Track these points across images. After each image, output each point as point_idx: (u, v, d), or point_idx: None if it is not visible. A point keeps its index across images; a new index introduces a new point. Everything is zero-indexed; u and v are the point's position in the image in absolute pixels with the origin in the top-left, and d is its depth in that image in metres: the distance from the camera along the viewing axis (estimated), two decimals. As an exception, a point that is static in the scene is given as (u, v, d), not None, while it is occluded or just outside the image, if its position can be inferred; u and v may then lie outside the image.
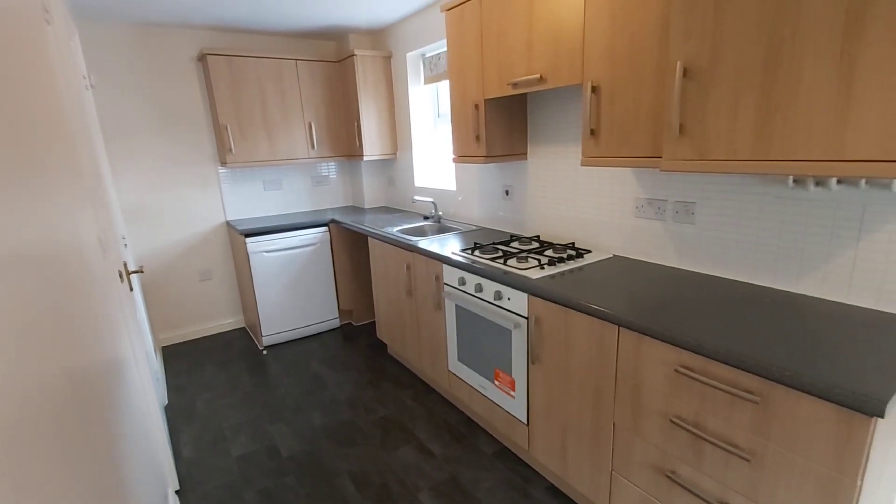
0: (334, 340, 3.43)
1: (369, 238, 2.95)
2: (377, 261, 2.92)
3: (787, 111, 1.10)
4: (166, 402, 2.66)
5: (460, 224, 2.96)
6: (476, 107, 2.20)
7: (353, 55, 3.23)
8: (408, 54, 3.22)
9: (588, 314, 1.51)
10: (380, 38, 3.52)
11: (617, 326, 1.42)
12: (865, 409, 0.92)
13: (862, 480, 0.97)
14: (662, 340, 1.29)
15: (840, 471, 0.99)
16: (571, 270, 1.84)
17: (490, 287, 1.94)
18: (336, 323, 3.64)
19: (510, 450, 2.14)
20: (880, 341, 1.13)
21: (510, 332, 1.87)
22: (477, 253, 2.15)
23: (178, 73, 3.18)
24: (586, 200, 2.15)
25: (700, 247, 1.73)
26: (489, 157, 2.25)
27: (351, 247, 3.55)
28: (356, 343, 3.37)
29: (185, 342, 3.50)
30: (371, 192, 3.89)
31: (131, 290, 1.90)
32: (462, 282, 2.11)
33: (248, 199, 3.60)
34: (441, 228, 2.97)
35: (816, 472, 1.03)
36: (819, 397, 0.99)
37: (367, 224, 3.06)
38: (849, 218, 1.34)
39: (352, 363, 3.06)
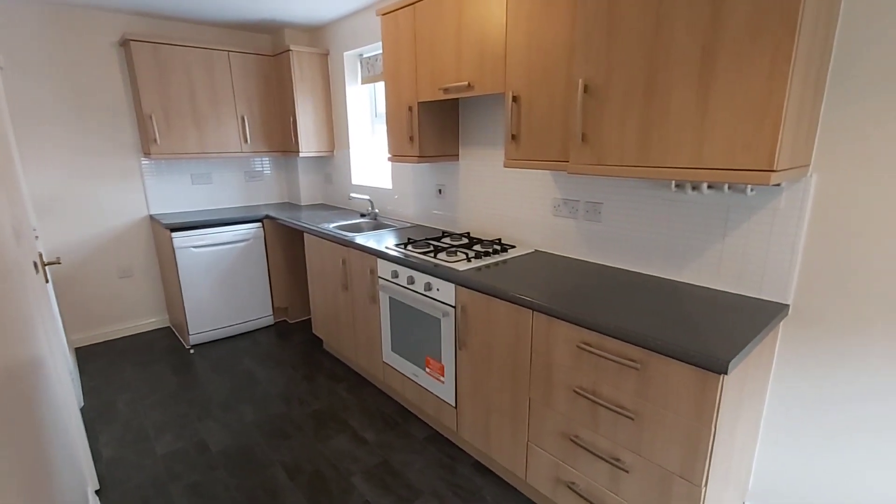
0: (268, 338, 3.39)
1: (305, 234, 2.97)
2: (313, 257, 2.95)
3: (661, 127, 1.32)
4: (82, 403, 2.52)
5: (396, 221, 3.07)
6: (410, 109, 2.32)
7: (289, 50, 3.23)
8: (345, 53, 3.27)
9: (507, 301, 1.68)
10: (317, 35, 3.54)
11: (531, 311, 1.60)
12: (715, 368, 1.14)
13: (715, 427, 1.20)
14: (567, 321, 1.48)
15: (699, 420, 1.21)
16: (496, 263, 2.01)
17: (421, 279, 2.06)
18: (270, 320, 3.60)
19: (440, 433, 2.28)
20: (734, 317, 1.39)
21: (439, 320, 2.01)
22: (410, 247, 2.26)
23: (96, 58, 3.01)
24: (511, 200, 2.33)
25: (606, 242, 1.96)
26: (422, 158, 2.38)
27: (286, 243, 3.53)
28: (291, 340, 3.36)
29: (101, 343, 3.30)
30: (307, 189, 3.88)
31: (47, 281, 1.82)
32: (395, 275, 2.21)
33: (175, 193, 3.47)
34: (377, 225, 3.05)
35: (682, 424, 1.25)
36: (682, 361, 1.20)
37: (304, 220, 3.08)
38: (717, 217, 1.61)
39: (286, 359, 3.06)
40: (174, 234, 3.00)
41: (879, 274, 1.32)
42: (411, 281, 2.12)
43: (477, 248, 2.26)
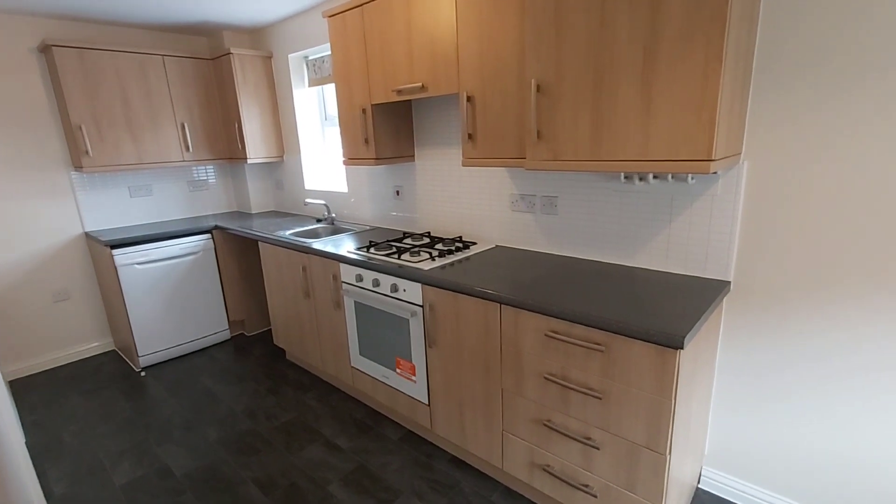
0: (225, 353, 3.27)
1: (260, 243, 2.88)
2: (270, 266, 2.87)
3: (610, 122, 1.41)
4: (24, 439, 2.33)
5: (354, 225, 3.04)
6: (364, 111, 2.31)
7: (230, 53, 3.11)
8: (290, 55, 3.19)
9: (475, 296, 1.72)
10: (258, 37, 3.43)
11: (499, 304, 1.65)
12: (671, 344, 1.24)
13: (675, 399, 1.30)
14: (535, 312, 1.54)
15: (660, 394, 1.31)
16: (459, 261, 2.04)
17: (387, 281, 2.06)
18: (226, 335, 3.46)
19: (415, 432, 2.29)
20: (683, 296, 1.50)
21: (408, 320, 2.02)
22: (372, 250, 2.26)
23: (13, 65, 2.76)
24: (470, 197, 2.38)
25: (563, 233, 2.05)
26: (379, 160, 2.38)
27: (239, 254, 3.41)
28: (251, 353, 3.25)
29: (40, 373, 3.05)
30: (258, 197, 3.75)
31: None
32: (360, 278, 2.20)
33: (112, 208, 3.26)
34: (335, 230, 3.01)
35: (645, 398, 1.34)
36: (642, 340, 1.29)
37: (257, 229, 2.99)
38: (663, 205, 1.72)
39: (247, 374, 2.96)
40: (115, 252, 2.82)
41: (806, 248, 1.47)
42: (377, 283, 2.12)
43: (439, 246, 2.29)
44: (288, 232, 2.86)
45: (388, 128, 2.40)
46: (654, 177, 1.71)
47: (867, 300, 1.39)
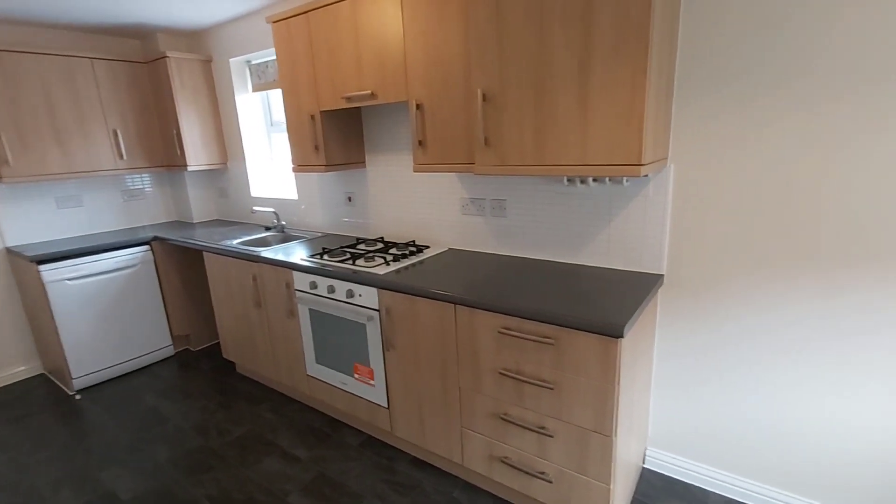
0: (170, 370, 3.11)
1: (205, 253, 2.78)
2: (216, 277, 2.77)
3: (551, 130, 1.51)
4: (-61, 479, 2.12)
5: (305, 232, 3.00)
6: (312, 118, 2.30)
7: (166, 57, 2.99)
8: (231, 60, 3.11)
9: (430, 298, 1.77)
10: (196, 40, 3.31)
11: (454, 305, 1.71)
12: (613, 334, 1.34)
13: (618, 384, 1.41)
14: (488, 310, 1.61)
15: (605, 381, 1.41)
16: (414, 264, 2.09)
17: (342, 287, 2.07)
18: (170, 351, 3.30)
19: (375, 437, 2.30)
20: (623, 289, 1.63)
21: (364, 325, 2.04)
22: (326, 257, 2.25)
23: (-87, 66, 2.51)
24: (422, 202, 2.43)
25: (512, 235, 2.14)
26: (329, 166, 2.38)
27: (181, 265, 3.26)
28: (198, 368, 3.12)
29: (-47, 405, 2.77)
30: (200, 206, 3.61)
31: None
32: (314, 286, 2.19)
33: (37, 220, 3.02)
34: (285, 237, 2.96)
35: (592, 386, 1.44)
36: (588, 332, 1.40)
37: (201, 238, 2.88)
38: (603, 206, 1.85)
39: (195, 390, 2.84)
40: (42, 268, 2.63)
41: (728, 240, 1.64)
42: (332, 290, 2.12)
43: (393, 251, 2.32)
44: (235, 241, 2.78)
45: (338, 134, 2.40)
46: (594, 180, 1.83)
47: (785, 283, 1.57)
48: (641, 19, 1.27)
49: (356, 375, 2.17)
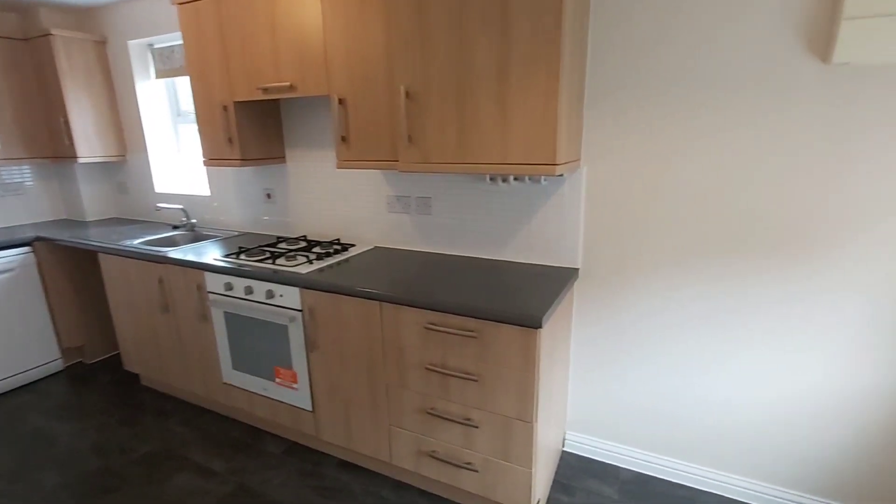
0: (59, 386, 2.77)
1: (101, 255, 2.50)
2: (115, 281, 2.51)
3: (474, 129, 1.55)
4: None
5: (219, 231, 2.81)
6: (225, 108, 2.17)
7: (50, 35, 2.65)
8: (130, 42, 2.83)
9: (355, 296, 1.74)
10: (86, 17, 2.96)
11: (379, 302, 1.70)
12: (532, 324, 1.41)
13: (537, 372, 1.48)
14: (414, 306, 1.62)
15: (525, 370, 1.48)
16: (338, 263, 2.04)
17: (261, 287, 1.97)
18: (59, 365, 2.94)
19: (299, 443, 2.22)
20: (542, 283, 1.71)
21: (286, 327, 1.96)
22: (243, 256, 2.13)
23: None
24: (346, 200, 2.38)
25: (437, 232, 2.17)
26: (245, 161, 2.25)
27: (72, 269, 2.91)
28: (94, 383, 2.81)
29: None
30: (94, 202, 3.24)
31: None
32: (229, 287, 2.06)
33: None
34: (196, 237, 2.76)
35: (514, 375, 1.50)
36: (509, 323, 1.46)
37: (95, 238, 2.59)
38: (523, 203, 1.94)
39: (91, 406, 2.55)
40: None
41: (631, 235, 1.79)
42: (249, 291, 2.01)
43: (317, 249, 2.25)
44: (137, 241, 2.54)
45: (254, 127, 2.28)
46: (515, 178, 1.91)
47: (679, 272, 1.75)
48: (554, 29, 1.35)
49: (278, 380, 2.08)
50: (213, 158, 2.31)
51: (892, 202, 1.41)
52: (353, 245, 2.33)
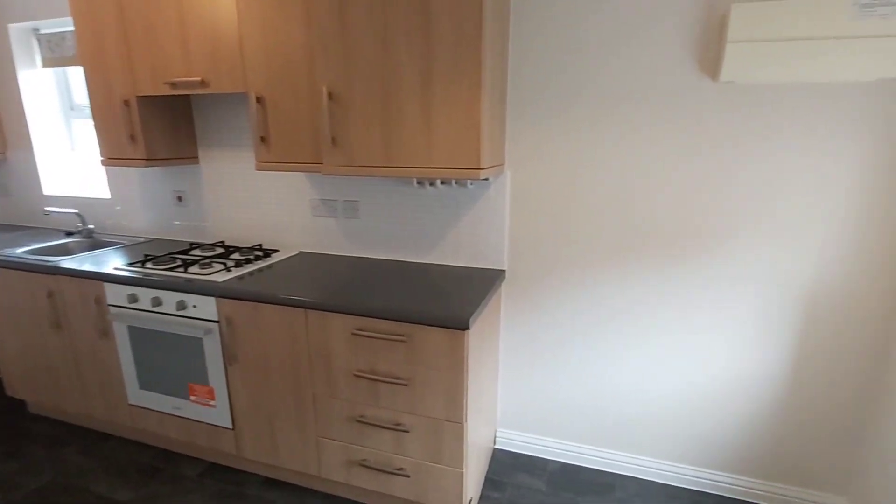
0: (-80, 421, 2.37)
1: (-26, 266, 2.18)
2: (-7, 295, 2.20)
3: (399, 133, 1.54)
4: None
5: (122, 237, 2.56)
6: (127, 103, 1.98)
7: None
8: (10, 26, 2.50)
9: (279, 304, 1.66)
10: (-47, -6, 2.57)
11: (304, 310, 1.63)
12: (459, 326, 1.43)
13: (466, 373, 1.50)
14: (341, 312, 1.58)
15: (454, 371, 1.49)
16: (260, 269, 1.93)
17: (171, 298, 1.82)
18: (-81, 396, 2.51)
19: (219, 463, 2.07)
20: (470, 285, 1.74)
21: (201, 339, 1.82)
22: (150, 265, 1.95)
23: None
24: (269, 203, 2.26)
25: (365, 236, 2.13)
26: (151, 161, 2.07)
27: (-64, 283, 2.50)
28: (-33, 414, 2.43)
29: None
30: (-35, 206, 2.82)
31: None
32: (134, 299, 1.88)
33: None
34: (94, 244, 2.49)
35: (443, 377, 1.51)
36: (437, 326, 1.46)
37: (-33, 248, 2.25)
38: (451, 207, 1.96)
39: (-37, 442, 2.21)
40: None
41: (553, 236, 1.87)
42: (157, 302, 1.84)
43: (236, 256, 2.12)
44: (21, 249, 2.24)
45: (162, 124, 2.10)
46: (441, 182, 1.93)
47: (601, 269, 1.85)
48: (474, 36, 1.38)
49: (192, 397, 1.93)
50: (112, 158, 2.09)
51: (770, 204, 1.60)
52: (276, 251, 2.22)
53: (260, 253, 2.15)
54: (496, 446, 2.20)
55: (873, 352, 1.62)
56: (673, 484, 1.95)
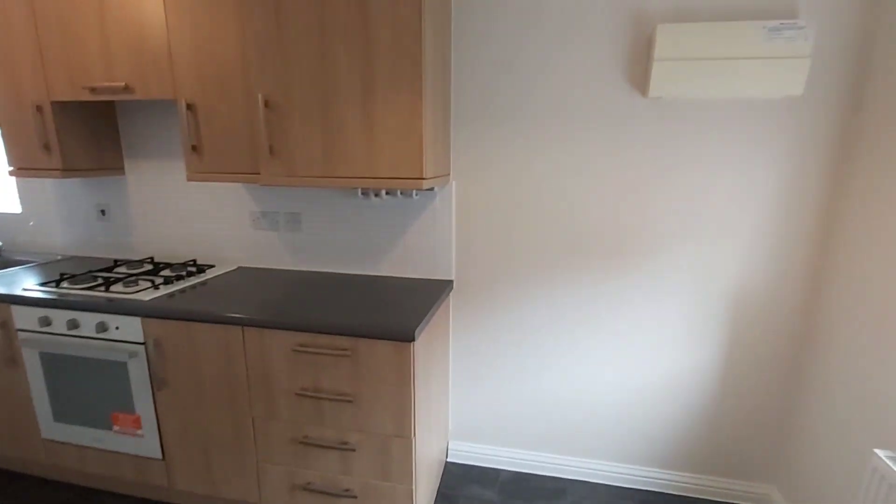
0: None
1: None
2: None
3: (340, 142, 1.51)
4: None
5: (36, 255, 2.33)
6: (39, 109, 1.82)
7: None
8: None
9: (212, 322, 1.56)
10: None
11: (241, 327, 1.54)
12: (405, 338, 1.40)
13: (414, 386, 1.47)
14: (280, 329, 1.50)
15: (401, 384, 1.46)
16: (193, 286, 1.82)
17: (89, 320, 1.66)
18: None
19: (148, 498, 1.91)
20: (418, 296, 1.72)
21: (125, 364, 1.68)
22: (65, 284, 1.78)
23: None
24: (204, 216, 2.14)
25: (308, 249, 2.06)
26: (69, 171, 1.90)
27: None
28: None
29: None
30: None
31: None
32: (46, 322, 1.70)
33: None
34: (3, 263, 2.25)
35: (390, 391, 1.47)
36: (383, 339, 1.42)
37: None
38: (397, 218, 1.93)
39: None
40: None
41: (498, 246, 1.89)
42: (74, 325, 1.68)
43: (166, 273, 1.98)
44: (-90, 271, 1.98)
45: (81, 132, 1.94)
46: (386, 193, 1.90)
47: (544, 278, 1.88)
48: (414, 48, 1.38)
49: (116, 427, 1.76)
50: (22, 168, 1.91)
51: (698, 211, 1.69)
52: (211, 266, 2.10)
53: (193, 269, 2.03)
54: (448, 459, 2.16)
55: (795, 346, 1.74)
56: (621, 485, 2.00)
